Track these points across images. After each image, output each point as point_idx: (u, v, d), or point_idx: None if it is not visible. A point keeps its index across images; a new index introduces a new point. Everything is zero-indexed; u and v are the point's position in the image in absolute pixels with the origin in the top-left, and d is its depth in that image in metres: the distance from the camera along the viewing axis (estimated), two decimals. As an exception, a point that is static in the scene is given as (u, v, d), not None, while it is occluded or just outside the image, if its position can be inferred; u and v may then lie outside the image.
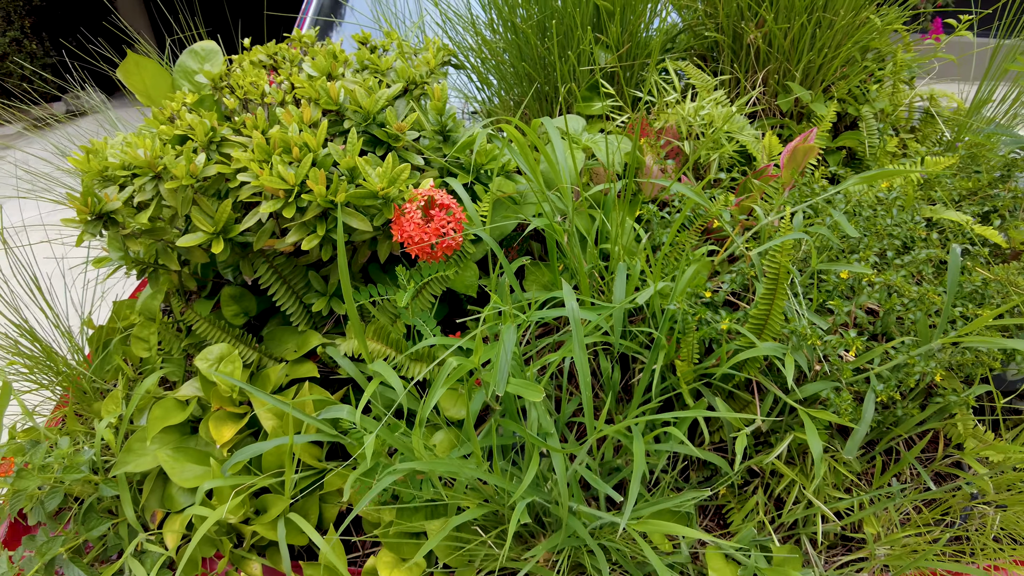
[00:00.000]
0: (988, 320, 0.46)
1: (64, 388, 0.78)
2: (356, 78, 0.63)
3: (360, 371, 0.57)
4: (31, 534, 0.63)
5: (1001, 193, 0.75)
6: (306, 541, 0.59)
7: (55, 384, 0.80)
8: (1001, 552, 0.60)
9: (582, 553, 0.48)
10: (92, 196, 0.55)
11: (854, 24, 0.81)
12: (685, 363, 0.52)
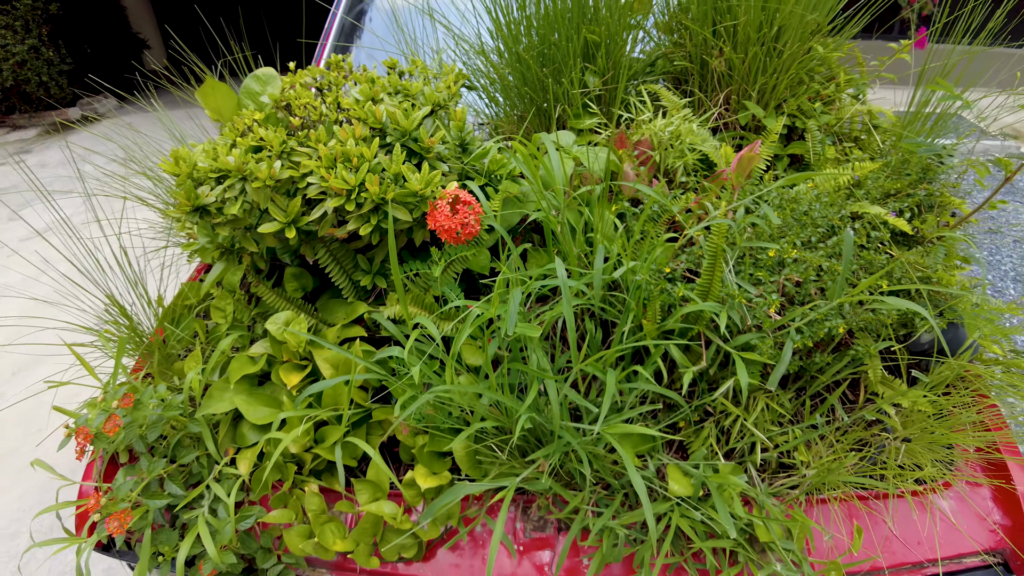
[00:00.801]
0: (870, 284, 0.62)
1: (142, 355, 0.95)
2: (392, 101, 0.80)
3: (400, 331, 0.73)
4: (131, 464, 0.80)
5: (918, 192, 0.92)
6: (355, 464, 0.75)
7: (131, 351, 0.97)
8: (903, 474, 0.77)
9: (570, 460, 0.65)
10: (192, 193, 0.71)
11: (800, 52, 0.99)
12: (650, 322, 0.69)
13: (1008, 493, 0.78)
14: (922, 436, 0.78)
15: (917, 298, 0.79)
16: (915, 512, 0.76)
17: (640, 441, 0.69)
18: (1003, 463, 0.79)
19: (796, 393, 0.77)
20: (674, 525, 0.64)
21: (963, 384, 0.83)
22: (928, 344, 0.82)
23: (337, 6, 1.65)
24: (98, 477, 0.83)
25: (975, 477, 0.80)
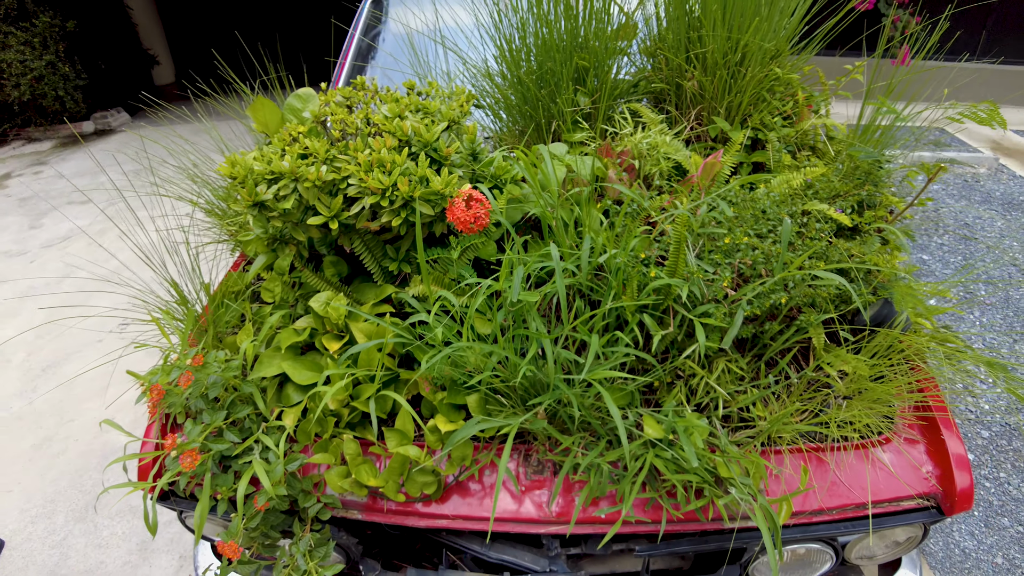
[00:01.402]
0: (802, 262, 0.78)
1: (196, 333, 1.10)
2: (415, 117, 0.97)
3: (423, 307, 0.89)
4: (191, 419, 0.94)
5: (861, 193, 1.09)
6: (385, 417, 0.90)
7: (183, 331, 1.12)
8: (847, 429, 0.92)
9: (562, 408, 0.80)
10: (253, 190, 0.88)
11: (761, 74, 1.16)
12: (628, 297, 0.85)
13: (939, 446, 0.93)
14: (861, 396, 0.93)
15: (858, 280, 0.95)
16: (866, 461, 0.91)
17: (621, 398, 0.84)
18: (934, 420, 0.94)
19: (754, 358, 0.92)
20: (649, 462, 0.79)
21: (900, 354, 0.98)
22: (873, 318, 0.98)
23: (355, 28, 1.83)
24: (158, 435, 0.98)
25: (911, 433, 0.95)
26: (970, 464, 0.90)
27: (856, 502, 0.90)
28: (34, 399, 2.05)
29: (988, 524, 1.54)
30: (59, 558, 1.52)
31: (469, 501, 0.87)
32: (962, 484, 0.89)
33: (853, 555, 1.00)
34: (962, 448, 0.91)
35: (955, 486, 0.89)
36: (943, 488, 0.90)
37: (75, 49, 4.86)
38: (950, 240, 2.81)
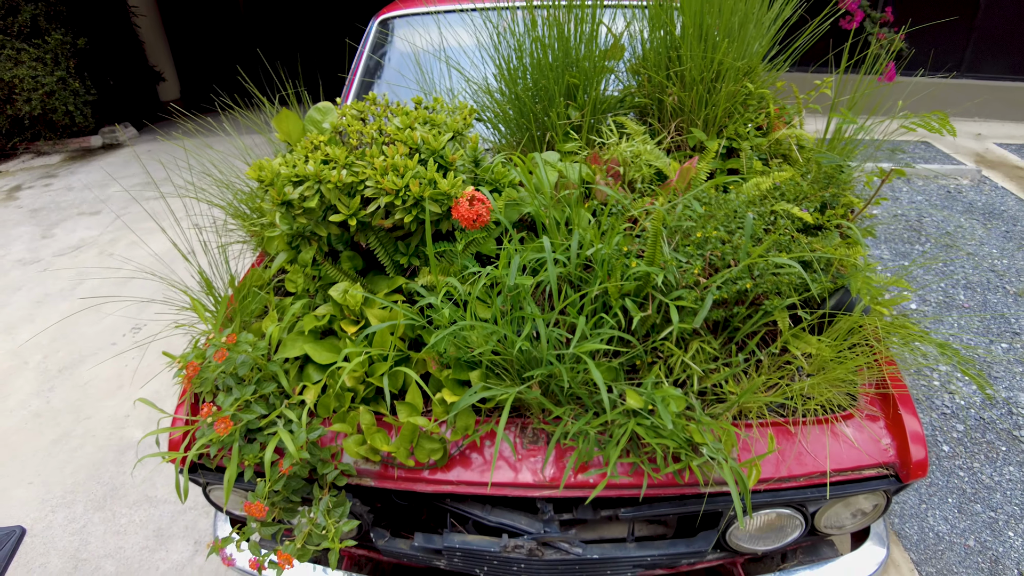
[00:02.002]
0: (761, 251, 0.91)
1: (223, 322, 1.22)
2: (423, 128, 1.10)
3: (430, 295, 1.01)
4: (222, 392, 1.05)
5: (825, 194, 1.22)
6: (396, 392, 1.02)
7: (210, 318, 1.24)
8: (810, 404, 1.03)
9: (554, 381, 0.92)
10: (282, 191, 1.01)
11: (734, 90, 1.31)
12: (612, 285, 0.97)
13: (897, 421, 1.04)
14: (825, 374, 1.05)
15: (817, 270, 1.07)
16: (830, 434, 1.02)
17: (606, 373, 0.96)
18: (893, 397, 1.06)
19: (726, 340, 1.04)
20: (631, 429, 0.91)
21: (859, 335, 1.10)
22: (835, 305, 1.10)
23: (363, 47, 1.99)
24: (188, 412, 1.09)
25: (872, 410, 1.07)
26: (924, 438, 1.01)
27: (821, 470, 1.00)
28: (51, 398, 2.15)
29: (961, 510, 1.64)
30: (79, 543, 1.61)
31: (471, 468, 0.98)
32: (917, 455, 1.00)
33: (823, 524, 1.11)
34: (918, 423, 1.03)
35: (911, 456, 1.00)
36: (900, 458, 1.01)
37: (85, 65, 5.06)
38: (932, 248, 2.95)
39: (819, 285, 1.04)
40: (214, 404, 0.97)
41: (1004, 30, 5.15)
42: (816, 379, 1.04)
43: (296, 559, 0.92)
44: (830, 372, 1.05)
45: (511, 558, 1.00)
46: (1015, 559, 1.51)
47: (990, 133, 4.77)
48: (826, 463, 1.00)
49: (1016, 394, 2.03)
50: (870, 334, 1.10)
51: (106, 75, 5.30)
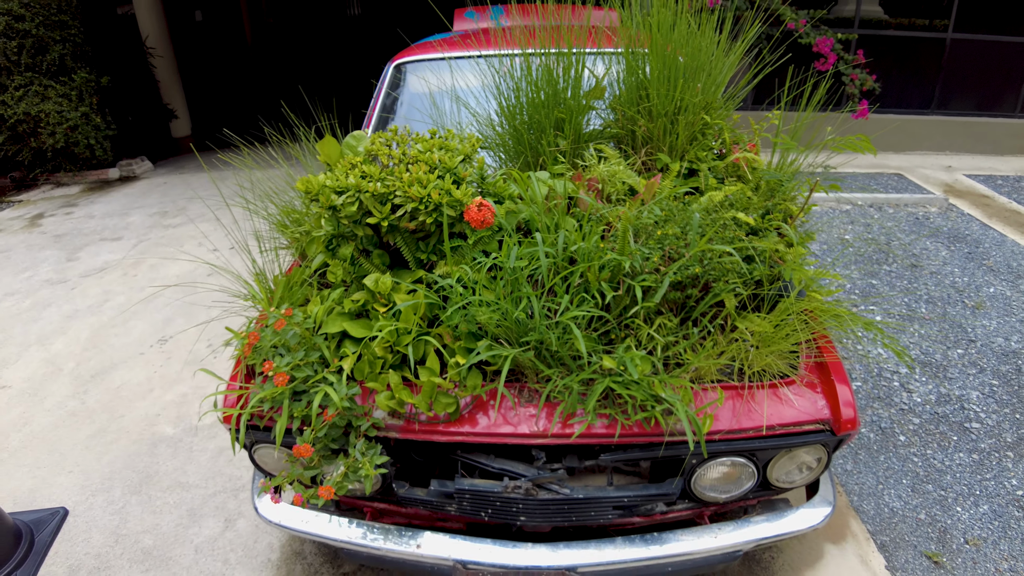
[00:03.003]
0: (704, 241, 1.19)
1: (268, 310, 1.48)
2: (440, 152, 1.41)
3: (446, 283, 1.29)
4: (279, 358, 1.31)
5: (768, 204, 1.52)
6: (420, 358, 1.28)
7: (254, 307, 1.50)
8: (755, 367, 1.29)
9: (544, 347, 1.18)
10: (329, 198, 1.30)
11: (693, 122, 1.63)
12: (592, 273, 1.25)
13: (830, 387, 1.30)
14: (768, 347, 1.32)
15: (757, 262, 1.36)
16: (775, 397, 1.28)
17: (586, 342, 1.23)
18: (827, 368, 1.31)
19: (684, 317, 1.31)
20: (607, 384, 1.17)
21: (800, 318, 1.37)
22: (780, 290, 1.38)
23: (381, 86, 2.34)
24: (241, 380, 1.34)
25: (811, 377, 1.33)
26: (854, 400, 1.26)
27: (768, 424, 1.26)
28: (86, 400, 2.38)
29: (914, 490, 1.87)
30: (119, 522, 1.82)
31: (478, 422, 1.23)
32: (847, 414, 1.26)
33: (774, 476, 1.35)
34: (848, 389, 1.28)
35: (841, 415, 1.25)
36: (833, 416, 1.26)
37: (106, 102, 5.48)
38: (898, 268, 3.25)
39: (759, 273, 1.32)
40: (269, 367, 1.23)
41: (969, 70, 5.67)
42: (760, 351, 1.31)
43: (335, 491, 1.15)
44: (773, 345, 1.31)
45: (511, 498, 1.24)
46: (961, 530, 1.73)
47: (960, 165, 5.18)
48: (771, 420, 1.25)
49: (968, 391, 2.29)
50: (807, 316, 1.37)
51: (125, 112, 5.73)
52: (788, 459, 1.32)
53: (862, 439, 2.07)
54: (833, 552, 1.66)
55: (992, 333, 2.66)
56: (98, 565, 1.69)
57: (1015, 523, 1.75)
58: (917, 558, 1.64)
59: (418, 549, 1.31)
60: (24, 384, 2.49)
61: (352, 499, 1.42)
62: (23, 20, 5.09)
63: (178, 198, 4.75)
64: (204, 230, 3.98)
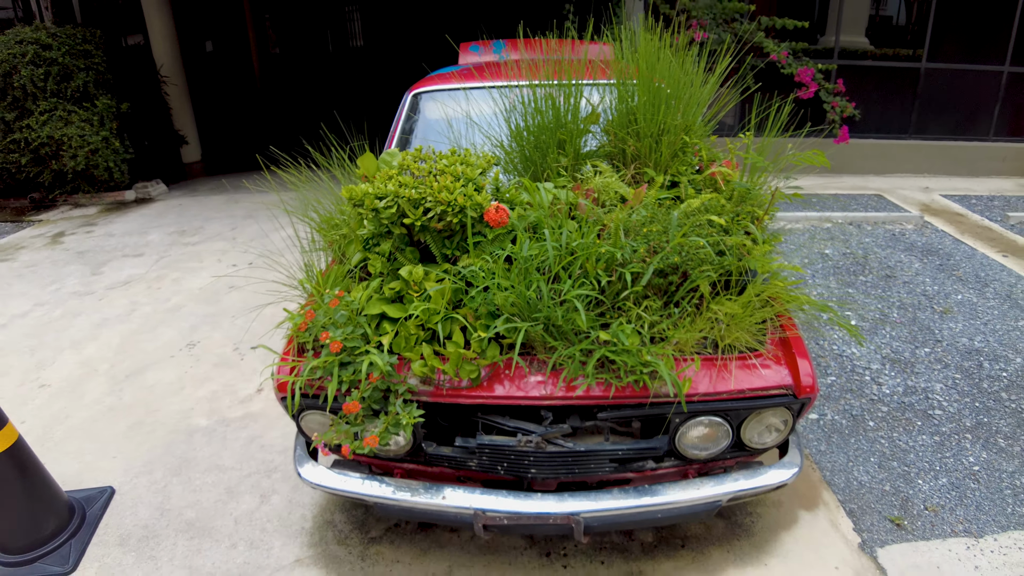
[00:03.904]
0: (680, 235, 1.49)
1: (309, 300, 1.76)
2: (462, 166, 1.72)
3: (469, 273, 1.58)
4: (332, 330, 1.58)
5: (737, 208, 1.83)
6: (447, 334, 1.55)
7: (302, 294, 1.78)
8: (728, 340, 1.57)
9: (551, 324, 1.47)
10: (373, 202, 1.60)
11: (674, 141, 1.95)
12: (590, 263, 1.54)
13: (792, 360, 1.58)
14: (736, 324, 1.60)
15: (728, 255, 1.65)
16: (745, 368, 1.56)
17: (586, 320, 1.51)
18: (790, 344, 1.60)
19: (667, 301, 1.60)
20: (603, 353, 1.44)
21: (762, 299, 1.66)
22: (746, 277, 1.67)
23: (400, 112, 2.68)
24: (293, 355, 1.61)
25: (776, 351, 1.61)
26: (812, 371, 1.54)
27: (739, 388, 1.53)
28: (122, 396, 2.63)
29: (881, 466, 2.13)
30: (162, 499, 2.05)
31: (495, 387, 1.51)
32: (806, 381, 1.53)
33: (747, 437, 1.61)
34: (808, 362, 1.56)
35: (801, 382, 1.53)
36: (794, 382, 1.54)
37: (125, 127, 5.86)
38: (873, 278, 3.57)
39: (728, 263, 1.62)
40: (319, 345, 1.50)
41: (943, 97, 6.14)
42: (731, 328, 1.59)
43: (379, 439, 1.41)
44: (741, 323, 1.60)
45: (523, 452, 1.50)
46: (922, 499, 1.99)
47: (937, 186, 5.58)
48: (741, 385, 1.53)
49: (933, 384, 2.57)
50: (770, 299, 1.66)
51: (142, 137, 6.10)
52: (757, 420, 1.59)
53: (835, 424, 2.34)
54: (807, 517, 1.91)
55: (958, 334, 2.96)
56: (146, 535, 1.91)
57: (971, 493, 2.01)
58: (881, 522, 1.90)
59: (443, 501, 1.56)
60: (63, 383, 2.74)
61: (384, 461, 1.67)
62: (50, 49, 5.49)
63: (194, 219, 5.06)
64: (222, 247, 4.28)
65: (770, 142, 2.03)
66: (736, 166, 2.14)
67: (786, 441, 1.73)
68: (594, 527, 1.55)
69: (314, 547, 1.83)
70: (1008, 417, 2.37)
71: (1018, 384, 2.57)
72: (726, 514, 1.92)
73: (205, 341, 3.03)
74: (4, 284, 3.88)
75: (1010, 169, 6.04)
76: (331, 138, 2.08)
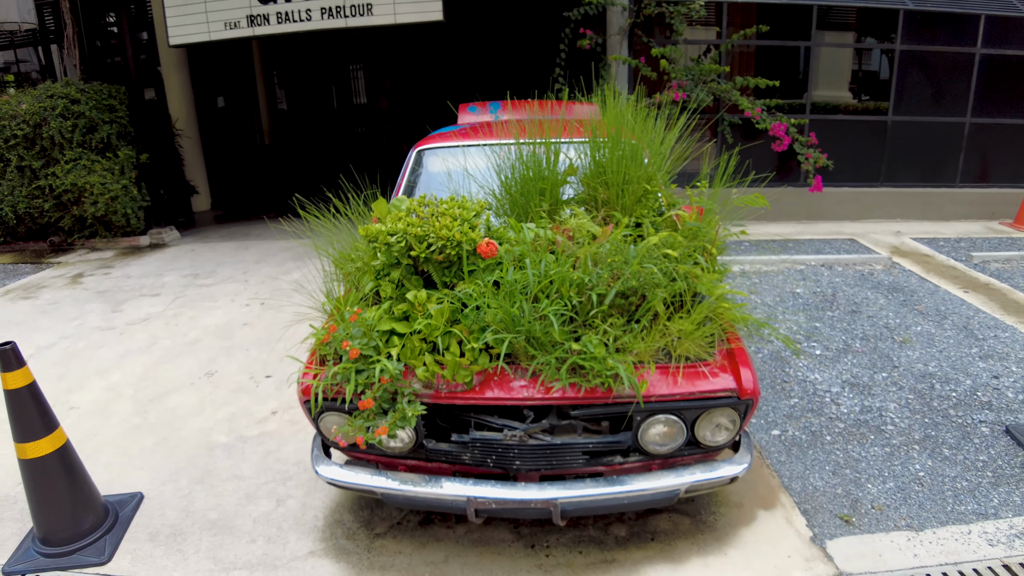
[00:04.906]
0: (636, 262, 1.88)
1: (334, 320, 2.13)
2: (459, 209, 2.14)
3: (464, 295, 1.96)
4: (344, 346, 1.93)
5: (690, 244, 2.23)
6: (446, 346, 1.91)
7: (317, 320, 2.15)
8: (681, 350, 1.93)
9: (532, 336, 1.83)
10: (386, 238, 2.00)
11: (638, 189, 2.39)
12: (564, 287, 1.92)
13: (737, 369, 1.94)
14: (687, 338, 1.97)
15: (679, 280, 2.03)
16: (696, 375, 1.92)
17: (561, 333, 1.87)
18: (734, 355, 1.96)
19: (628, 319, 1.97)
20: (574, 360, 1.80)
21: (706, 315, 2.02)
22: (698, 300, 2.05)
23: (406, 166, 3.15)
24: (316, 364, 1.96)
25: (723, 362, 1.97)
26: (754, 377, 1.90)
27: (690, 391, 1.88)
28: (147, 417, 2.94)
29: (835, 473, 2.43)
30: (188, 503, 2.34)
31: (486, 390, 1.85)
32: (747, 385, 1.88)
33: (700, 435, 1.94)
34: (750, 370, 1.92)
35: (743, 387, 1.88)
36: (738, 387, 1.89)
37: (143, 177, 6.39)
38: (840, 313, 3.95)
39: (678, 286, 2.00)
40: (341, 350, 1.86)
41: (910, 147, 6.74)
42: (683, 340, 1.96)
43: (388, 430, 1.74)
44: (692, 337, 1.97)
45: (509, 445, 1.83)
46: (870, 500, 2.29)
47: (908, 230, 6.06)
48: (692, 388, 1.88)
49: (887, 403, 2.90)
50: (718, 317, 2.04)
51: (157, 186, 6.63)
52: (708, 419, 1.92)
53: (795, 439, 2.65)
54: (764, 515, 2.21)
55: (914, 361, 3.31)
56: (173, 532, 2.19)
57: (914, 495, 2.30)
58: (832, 519, 2.19)
59: (441, 490, 1.87)
60: (91, 406, 3.05)
61: (389, 459, 1.99)
62: (79, 103, 6.10)
63: (207, 263, 5.49)
64: (234, 289, 4.68)
65: (718, 191, 2.47)
66: (699, 210, 2.57)
67: (738, 442, 2.06)
68: (569, 511, 1.86)
69: (325, 541, 2.11)
70: (954, 431, 2.69)
71: (965, 402, 2.90)
72: (692, 513, 2.21)
73: (222, 371, 3.36)
74: (29, 319, 4.24)
75: (977, 213, 6.55)
76: (348, 187, 2.52)
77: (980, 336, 3.58)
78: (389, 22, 5.60)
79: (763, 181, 2.44)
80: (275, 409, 2.95)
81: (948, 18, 6.35)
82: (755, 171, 2.58)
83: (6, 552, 2.14)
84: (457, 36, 8.99)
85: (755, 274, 4.73)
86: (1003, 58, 6.56)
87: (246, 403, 3.02)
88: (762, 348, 3.46)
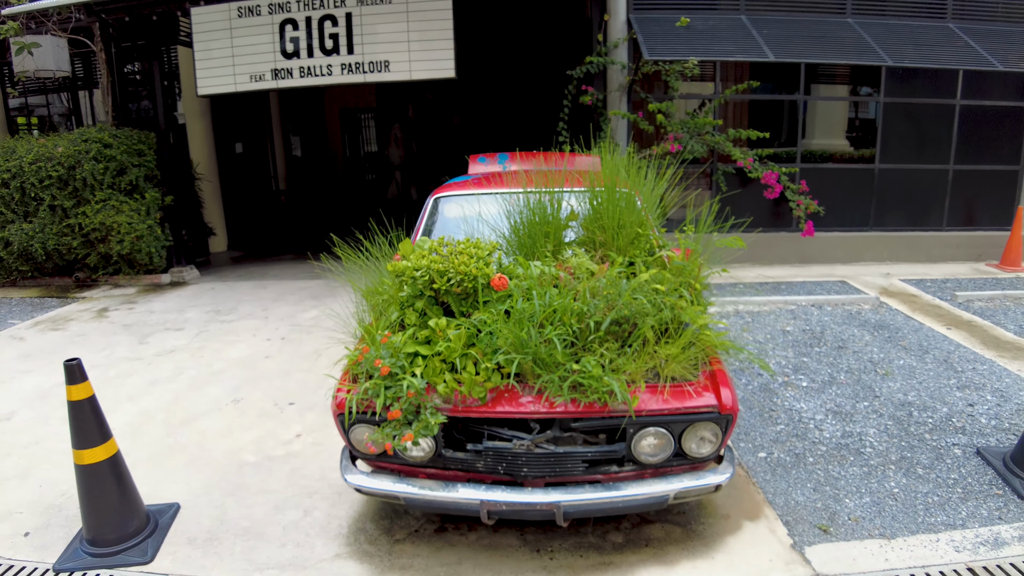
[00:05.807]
0: (628, 293, 2.23)
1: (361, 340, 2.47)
2: (474, 249, 2.52)
3: (480, 324, 2.31)
4: (376, 364, 2.26)
5: (677, 280, 2.59)
6: (463, 365, 2.24)
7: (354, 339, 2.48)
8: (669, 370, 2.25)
9: (538, 358, 2.17)
10: (413, 273, 2.37)
11: (631, 233, 2.77)
12: (566, 316, 2.27)
13: (718, 389, 2.27)
14: (674, 361, 2.30)
15: (665, 310, 2.38)
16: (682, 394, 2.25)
17: (563, 355, 2.21)
18: (716, 377, 2.29)
19: (622, 344, 2.31)
20: (575, 378, 2.13)
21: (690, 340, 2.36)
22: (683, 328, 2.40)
23: (424, 211, 3.56)
24: (348, 382, 2.29)
25: (706, 382, 2.29)
26: (734, 395, 2.22)
27: (678, 407, 2.20)
28: (178, 438, 3.23)
29: (816, 490, 2.70)
30: (221, 513, 2.61)
31: (498, 405, 2.17)
32: (727, 402, 2.20)
33: (686, 446, 2.24)
34: (730, 390, 2.25)
35: (723, 403, 2.20)
36: (719, 403, 2.21)
37: (167, 218, 6.87)
38: (827, 349, 4.27)
39: (665, 316, 2.35)
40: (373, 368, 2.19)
41: (897, 193, 7.20)
42: (670, 363, 2.29)
43: (414, 436, 2.05)
44: (679, 360, 2.30)
45: (518, 453, 2.13)
46: (847, 513, 2.55)
47: (897, 272, 6.44)
48: (679, 405, 2.20)
49: (867, 429, 3.18)
50: (701, 342, 2.37)
51: (179, 226, 7.10)
52: (693, 432, 2.23)
53: (780, 460, 2.93)
54: (749, 525, 2.47)
55: (895, 391, 3.60)
56: (209, 537, 2.46)
57: (888, 508, 2.57)
58: (811, 529, 2.45)
59: (457, 495, 2.16)
60: (124, 427, 3.35)
61: (411, 467, 2.29)
62: (111, 147, 6.64)
63: (227, 300, 5.87)
64: (255, 325, 5.03)
65: (702, 234, 2.85)
66: (687, 251, 2.94)
67: (722, 456, 2.35)
68: (571, 513, 2.14)
69: (349, 546, 2.38)
70: (929, 452, 2.96)
71: (940, 427, 3.18)
72: (683, 523, 2.48)
73: (248, 398, 3.68)
74: (59, 348, 4.58)
75: (964, 255, 6.94)
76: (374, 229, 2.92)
77: (959, 368, 3.88)
78: (405, 78, 6.19)
79: (753, 227, 2.79)
80: (299, 432, 3.25)
81: (927, 72, 6.94)
82: (750, 216, 2.94)
83: (55, 552, 2.41)
84: (467, 91, 9.71)
85: (748, 313, 5.07)
86: (981, 108, 7.12)
87: (271, 427, 3.32)
88: (751, 380, 3.77)
